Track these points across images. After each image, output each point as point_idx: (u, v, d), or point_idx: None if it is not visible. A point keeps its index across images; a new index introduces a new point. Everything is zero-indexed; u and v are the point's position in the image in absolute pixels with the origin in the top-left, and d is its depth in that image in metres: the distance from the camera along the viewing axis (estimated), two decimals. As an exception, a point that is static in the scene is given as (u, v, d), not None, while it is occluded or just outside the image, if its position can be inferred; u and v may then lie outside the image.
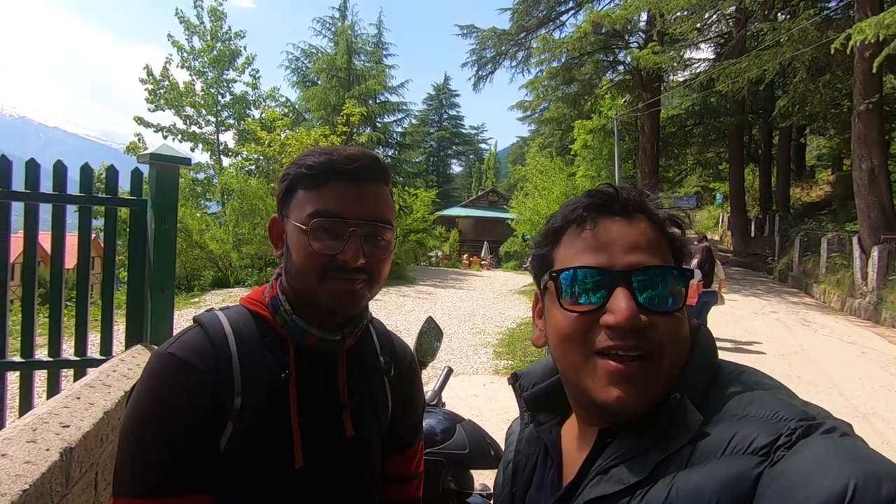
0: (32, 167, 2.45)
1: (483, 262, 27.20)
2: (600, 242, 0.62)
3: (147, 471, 0.74)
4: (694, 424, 0.56)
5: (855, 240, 12.14)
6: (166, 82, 18.85)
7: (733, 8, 17.95)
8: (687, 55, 21.37)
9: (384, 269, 0.85)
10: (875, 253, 11.02)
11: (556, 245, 0.67)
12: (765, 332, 9.26)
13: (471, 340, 8.70)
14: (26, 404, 2.49)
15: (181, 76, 19.44)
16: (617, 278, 0.59)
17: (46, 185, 2.46)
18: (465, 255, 28.12)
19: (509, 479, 0.77)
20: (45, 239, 2.63)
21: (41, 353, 2.63)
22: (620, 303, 0.58)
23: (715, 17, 19.76)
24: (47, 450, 1.20)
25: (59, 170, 2.52)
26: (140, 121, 18.48)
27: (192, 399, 0.77)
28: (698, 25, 19.40)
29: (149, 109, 18.86)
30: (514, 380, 0.78)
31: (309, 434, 0.83)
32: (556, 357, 0.66)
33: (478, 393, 5.83)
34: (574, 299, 0.61)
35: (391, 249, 0.86)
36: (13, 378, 2.66)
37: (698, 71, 21.24)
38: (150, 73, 18.63)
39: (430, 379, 4.32)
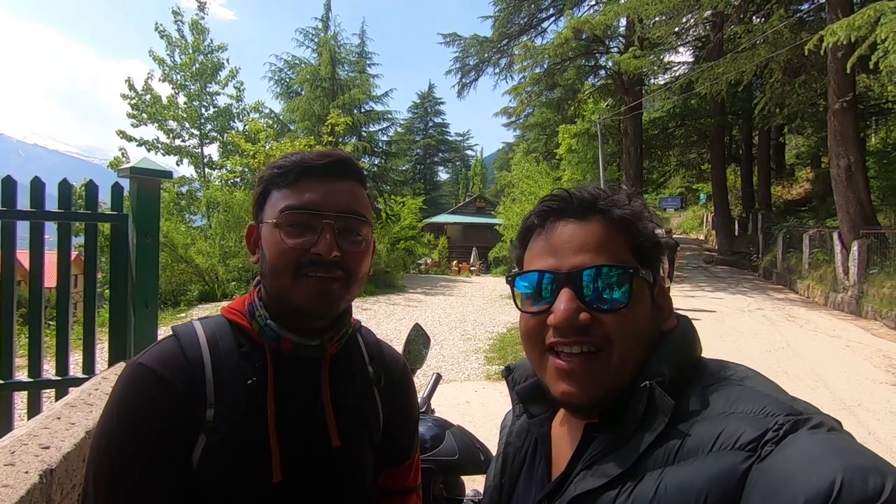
0: (9, 184, 2.40)
1: (472, 269, 27.23)
2: (552, 246, 0.65)
3: (115, 489, 0.72)
4: (666, 408, 0.57)
5: (835, 235, 12.37)
6: (148, 96, 18.67)
7: (710, 12, 18.31)
8: (666, 59, 21.79)
9: (362, 265, 0.82)
10: (855, 247, 11.24)
11: (524, 249, 0.71)
12: (751, 328, 9.38)
13: (462, 347, 8.69)
14: (6, 426, 2.43)
15: (164, 90, 19.31)
16: (563, 280, 0.62)
17: (24, 203, 2.41)
18: (455, 262, 28.15)
19: (499, 470, 0.78)
20: (27, 258, 2.58)
21: (21, 375, 2.57)
22: (560, 303, 0.61)
23: (692, 21, 20.12)
24: (26, 472, 1.17)
25: (37, 186, 2.48)
26: (123, 135, 18.24)
27: (161, 413, 0.74)
28: (676, 29, 19.73)
29: (132, 124, 18.64)
30: (508, 372, 0.78)
31: (289, 446, 0.79)
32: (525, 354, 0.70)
33: (470, 399, 5.81)
34: (527, 301, 0.66)
35: (369, 246, 0.84)
36: (-8, 400, 2.59)
37: (678, 74, 21.60)
38: (131, 87, 18.45)
39: (419, 386, 4.30)
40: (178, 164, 20.00)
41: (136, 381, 0.76)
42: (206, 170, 19.87)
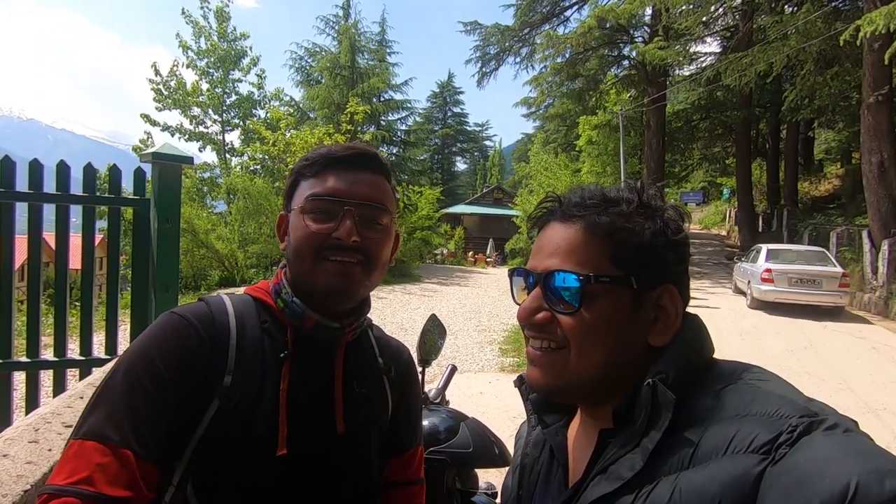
0: (36, 167, 2.45)
1: (488, 260, 27.17)
2: (538, 247, 0.69)
3: (112, 413, 0.70)
4: (668, 403, 0.57)
5: (865, 234, 12.01)
6: (173, 81, 18.92)
7: (739, 0, 17.76)
8: (693, 49, 21.21)
9: (382, 252, 0.86)
10: (885, 247, 10.89)
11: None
12: (773, 327, 9.18)
13: (476, 338, 8.69)
14: (32, 404, 2.50)
15: (188, 77, 19.53)
16: (535, 280, 0.67)
17: (51, 186, 2.46)
18: (471, 253, 28.10)
19: (517, 482, 0.78)
20: (52, 240, 2.64)
21: (47, 354, 2.64)
22: (525, 302, 0.67)
23: (721, 10, 19.56)
24: (49, 450, 1.19)
25: (62, 170, 2.53)
26: (147, 119, 18.54)
27: (188, 359, 0.75)
28: (704, 19, 19.20)
29: (156, 108, 18.94)
30: (521, 383, 0.77)
31: (297, 422, 0.80)
32: None
33: (484, 390, 5.82)
34: (522, 294, 0.71)
35: (390, 234, 0.87)
36: (20, 378, 2.67)
37: (704, 65, 21.03)
38: (157, 72, 18.70)
39: (434, 377, 4.31)
40: (200, 151, 20.30)
41: (171, 325, 0.78)
42: (228, 156, 20.11)
